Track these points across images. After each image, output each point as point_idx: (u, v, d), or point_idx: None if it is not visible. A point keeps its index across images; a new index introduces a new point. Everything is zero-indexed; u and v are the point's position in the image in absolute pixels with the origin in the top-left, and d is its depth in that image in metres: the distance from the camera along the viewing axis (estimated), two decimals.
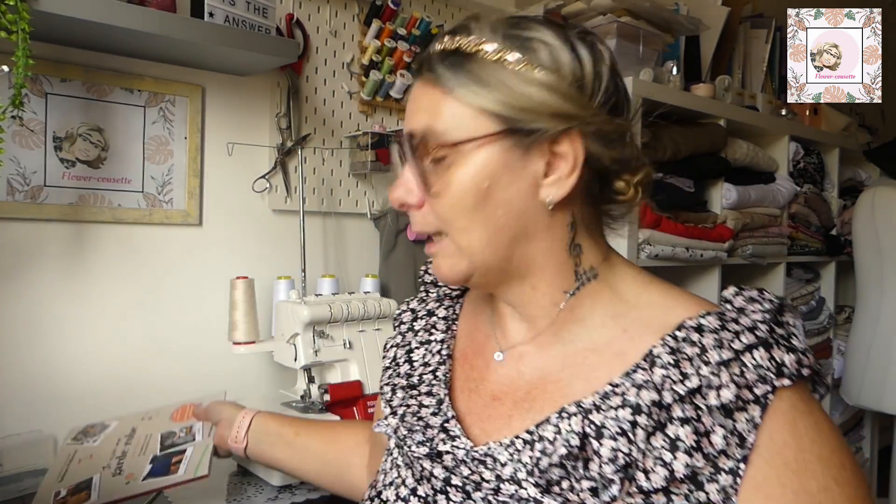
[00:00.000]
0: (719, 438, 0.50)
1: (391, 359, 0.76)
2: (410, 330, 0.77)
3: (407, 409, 0.67)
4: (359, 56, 1.65)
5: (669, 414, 0.52)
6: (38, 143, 1.22)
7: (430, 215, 0.61)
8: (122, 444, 1.02)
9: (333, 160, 1.62)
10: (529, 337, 0.64)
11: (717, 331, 0.54)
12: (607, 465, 0.52)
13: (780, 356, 0.52)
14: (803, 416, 0.52)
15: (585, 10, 1.68)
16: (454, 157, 0.58)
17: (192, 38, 1.17)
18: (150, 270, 1.36)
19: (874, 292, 1.95)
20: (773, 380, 0.51)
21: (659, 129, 1.53)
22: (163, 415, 1.10)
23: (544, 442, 0.55)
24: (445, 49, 0.59)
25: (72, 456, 1.01)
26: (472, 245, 0.60)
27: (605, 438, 0.53)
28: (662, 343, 0.55)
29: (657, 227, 1.50)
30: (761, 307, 0.55)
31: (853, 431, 2.44)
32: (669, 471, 0.50)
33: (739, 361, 0.51)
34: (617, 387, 0.55)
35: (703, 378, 0.51)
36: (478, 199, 0.58)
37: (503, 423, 0.61)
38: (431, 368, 0.70)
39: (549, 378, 0.61)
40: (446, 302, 0.78)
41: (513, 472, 0.56)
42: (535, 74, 0.56)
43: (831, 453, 0.52)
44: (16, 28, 0.97)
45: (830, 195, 2.23)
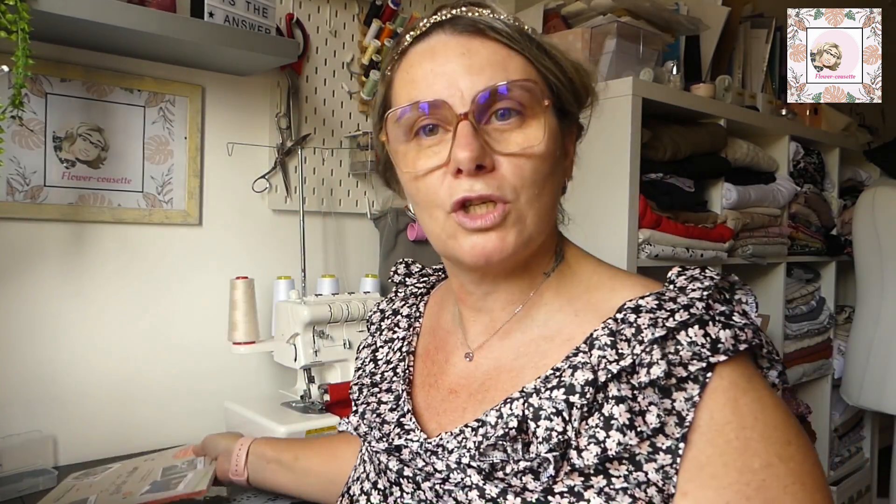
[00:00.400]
0: (653, 417, 0.50)
1: (361, 360, 0.77)
2: (378, 330, 0.78)
3: (367, 407, 0.69)
4: (359, 56, 1.65)
5: (606, 394, 0.52)
6: (38, 143, 1.22)
7: (500, 182, 0.55)
8: (123, 477, 1.04)
9: (333, 160, 1.62)
10: (497, 326, 0.64)
11: (653, 310, 0.54)
12: (542, 445, 0.52)
13: (715, 332, 0.52)
14: (745, 393, 0.52)
15: (585, 10, 1.68)
16: (535, 118, 0.57)
17: (192, 38, 1.17)
18: (150, 270, 1.36)
19: (874, 292, 1.95)
20: (709, 357, 0.51)
21: (659, 129, 1.53)
22: (165, 455, 1.14)
23: (486, 426, 0.56)
24: (500, 17, 0.58)
25: (70, 487, 1.04)
26: (535, 216, 0.57)
27: (541, 420, 0.53)
28: (603, 326, 0.56)
29: (657, 227, 1.50)
30: (700, 285, 0.56)
31: (853, 431, 2.43)
32: (602, 448, 0.50)
33: (674, 340, 0.52)
34: (557, 370, 0.56)
35: (636, 356, 0.52)
36: (552, 166, 0.58)
37: (458, 416, 0.62)
38: (392, 366, 0.71)
39: (504, 368, 0.62)
40: (410, 300, 0.78)
41: (458, 458, 0.56)
42: (573, 65, 0.61)
43: (774, 429, 0.51)
44: (16, 28, 0.97)
45: (830, 195, 2.23)
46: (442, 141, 0.57)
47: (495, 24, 0.57)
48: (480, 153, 0.54)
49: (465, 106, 0.55)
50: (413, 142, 0.58)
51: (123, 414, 1.33)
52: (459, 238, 0.57)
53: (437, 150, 0.57)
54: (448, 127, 0.56)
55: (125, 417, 1.33)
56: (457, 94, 0.55)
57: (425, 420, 0.65)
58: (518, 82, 0.56)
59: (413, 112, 0.57)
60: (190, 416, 1.41)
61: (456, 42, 0.57)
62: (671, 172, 1.56)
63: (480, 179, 0.55)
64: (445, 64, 0.56)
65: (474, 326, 0.66)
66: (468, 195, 0.55)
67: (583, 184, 1.49)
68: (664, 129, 1.54)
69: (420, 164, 0.58)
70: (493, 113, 0.56)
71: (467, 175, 0.54)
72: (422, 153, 0.58)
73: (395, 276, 0.83)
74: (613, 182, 1.45)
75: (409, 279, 0.82)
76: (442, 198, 0.56)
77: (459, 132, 0.54)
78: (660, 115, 1.56)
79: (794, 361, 2.06)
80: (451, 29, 0.58)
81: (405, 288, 0.81)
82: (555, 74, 0.59)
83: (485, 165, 0.55)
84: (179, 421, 1.40)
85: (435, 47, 0.58)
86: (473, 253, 0.56)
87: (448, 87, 0.56)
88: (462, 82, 0.55)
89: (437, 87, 0.56)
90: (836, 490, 2.21)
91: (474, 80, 0.55)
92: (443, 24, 0.58)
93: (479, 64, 0.56)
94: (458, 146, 0.54)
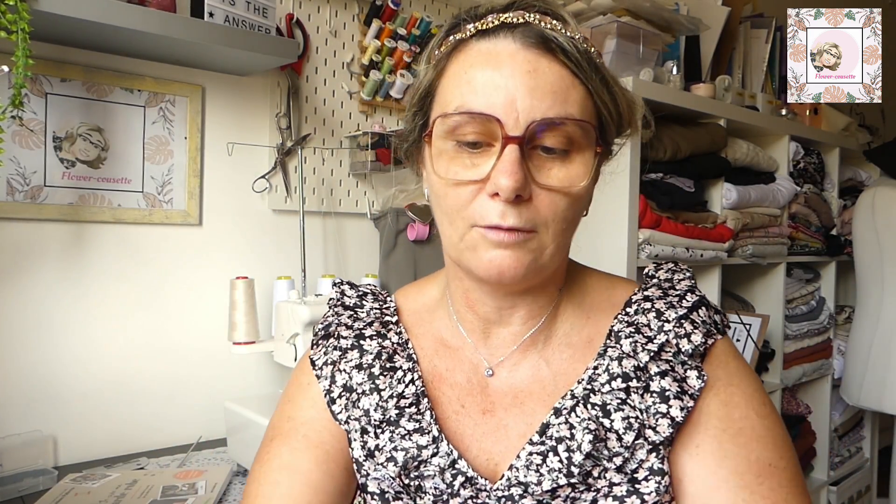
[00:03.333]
0: (695, 380, 0.57)
1: (333, 381, 0.65)
2: (357, 349, 0.66)
3: (406, 454, 0.59)
4: (359, 56, 1.65)
5: (649, 373, 0.57)
6: (38, 143, 1.22)
7: (532, 215, 0.54)
8: (123, 488, 1.05)
9: (333, 160, 1.62)
10: (519, 339, 0.62)
11: (663, 297, 0.62)
12: (627, 435, 0.55)
13: (713, 315, 0.62)
14: (734, 358, 0.61)
15: (585, 10, 1.68)
16: (582, 157, 0.55)
17: (192, 38, 1.17)
18: (150, 270, 1.36)
19: (874, 292, 1.95)
20: (715, 333, 0.60)
21: (659, 129, 1.53)
22: (166, 473, 1.14)
23: (564, 441, 0.56)
24: (573, 37, 0.55)
25: (68, 490, 1.04)
26: (555, 248, 0.56)
27: (613, 413, 0.56)
28: (618, 320, 0.62)
29: (657, 227, 1.50)
30: (684, 276, 0.65)
31: (853, 431, 2.43)
32: (671, 419, 0.55)
33: (690, 318, 0.60)
34: (596, 368, 0.59)
35: (670, 332, 0.59)
36: (584, 204, 0.59)
37: (502, 434, 0.60)
38: (410, 401, 0.62)
39: (534, 378, 0.62)
40: (392, 327, 0.68)
41: (552, 484, 0.55)
42: (627, 102, 0.60)
43: (754, 392, 0.59)
44: (16, 28, 0.97)
45: (830, 195, 2.23)
46: (485, 154, 0.54)
47: (566, 45, 0.54)
48: (523, 184, 0.52)
49: (519, 130, 0.52)
50: (451, 142, 0.56)
51: (123, 414, 1.33)
52: (479, 251, 0.55)
53: (477, 162, 0.54)
54: (493, 143, 0.54)
55: (125, 417, 1.33)
56: (513, 115, 0.52)
57: (464, 449, 0.60)
58: (576, 121, 0.54)
59: (465, 119, 0.54)
60: (190, 416, 1.41)
61: (523, 57, 0.54)
62: (671, 172, 1.56)
63: (514, 210, 0.53)
64: (509, 78, 0.53)
65: (491, 340, 0.63)
66: (500, 223, 0.53)
67: None
68: (664, 129, 1.54)
69: (456, 171, 0.55)
70: (541, 142, 0.54)
71: (504, 202, 0.52)
72: (460, 160, 0.55)
73: (346, 299, 0.71)
74: (613, 182, 1.45)
75: (364, 302, 0.71)
76: (471, 214, 0.54)
77: (506, 156, 0.52)
78: (660, 115, 1.56)
79: (794, 361, 2.06)
80: (520, 37, 0.54)
81: (365, 311, 0.70)
82: (608, 110, 0.57)
83: (522, 196, 0.53)
84: (179, 421, 1.40)
85: (500, 54, 0.54)
86: (490, 267, 0.54)
87: (505, 104, 0.53)
88: (521, 103, 0.53)
89: (494, 99, 0.53)
90: (836, 490, 2.21)
91: (535, 104, 0.53)
92: (513, 29, 0.55)
93: (543, 88, 0.53)
94: (503, 172, 0.52)
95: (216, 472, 1.14)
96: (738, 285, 2.07)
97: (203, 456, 1.31)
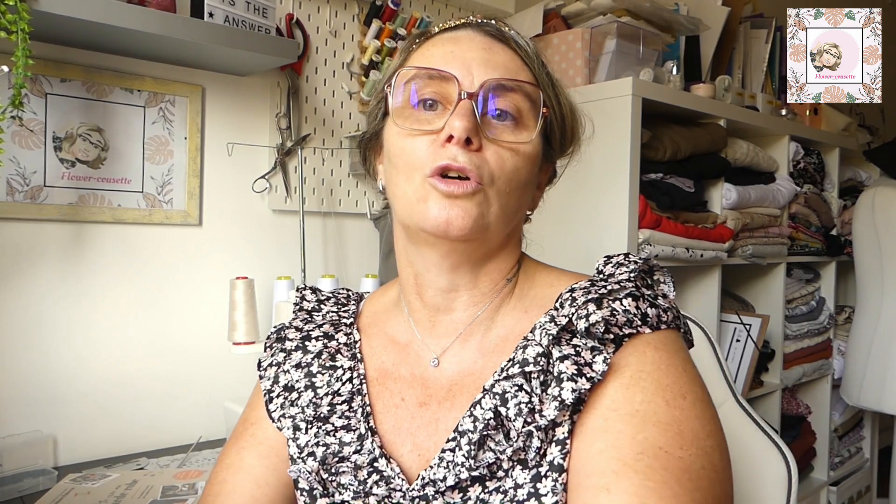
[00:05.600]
0: (601, 364, 0.54)
1: (275, 381, 0.68)
2: (301, 349, 0.69)
3: (326, 450, 0.60)
4: (359, 56, 1.65)
5: (551, 359, 0.56)
6: (38, 144, 1.22)
7: (481, 163, 0.58)
8: (123, 489, 1.05)
9: (333, 160, 1.62)
10: (461, 328, 0.64)
11: (586, 289, 0.60)
12: (516, 421, 0.53)
13: (644, 308, 0.58)
14: (655, 349, 0.57)
15: (585, 10, 1.68)
16: (527, 127, 0.60)
17: (192, 38, 1.17)
18: (150, 270, 1.36)
19: (874, 292, 1.95)
20: (639, 326, 0.57)
21: (659, 129, 1.53)
22: (166, 473, 1.14)
23: (467, 434, 0.56)
24: (526, 40, 0.64)
25: (68, 490, 1.04)
26: (499, 209, 0.59)
27: (509, 402, 0.55)
28: (546, 315, 0.60)
29: (657, 227, 1.50)
30: (627, 269, 0.62)
31: (853, 431, 2.43)
32: (560, 400, 0.53)
33: (609, 306, 0.57)
34: (511, 360, 0.59)
35: (572, 313, 0.57)
36: (528, 175, 0.62)
37: (432, 429, 0.61)
38: (344, 398, 0.64)
39: (467, 371, 0.63)
40: (343, 328, 0.71)
41: (456, 476, 0.55)
42: (570, 106, 0.66)
43: (672, 383, 0.55)
44: (16, 28, 0.97)
45: (830, 195, 2.23)
46: (440, 116, 0.59)
47: (518, 39, 0.63)
48: (474, 127, 0.57)
49: (473, 87, 0.58)
50: (409, 108, 0.61)
51: (123, 414, 1.33)
52: (430, 201, 0.58)
53: (432, 120, 0.59)
54: (449, 105, 0.59)
55: (125, 417, 1.33)
56: (468, 77, 0.59)
57: (399, 444, 0.61)
58: (525, 84, 0.60)
59: (423, 74, 0.60)
60: (190, 416, 1.41)
61: (480, 39, 0.62)
62: (671, 172, 1.56)
63: (465, 152, 0.57)
64: (466, 51, 0.60)
65: (436, 329, 0.66)
66: (451, 163, 0.57)
67: (583, 184, 1.49)
68: (664, 129, 1.54)
69: (412, 126, 0.60)
70: (492, 109, 0.59)
71: (455, 144, 0.57)
72: (417, 119, 0.60)
73: (305, 303, 0.75)
74: (613, 182, 1.45)
75: (323, 306, 0.75)
76: (424, 161, 0.58)
77: (460, 106, 0.57)
78: (660, 115, 1.56)
79: (794, 361, 2.06)
80: (478, 28, 0.63)
81: (322, 315, 0.74)
82: (552, 106, 0.63)
83: (473, 142, 0.57)
84: (179, 421, 1.40)
85: (460, 36, 0.62)
86: (438, 217, 0.57)
87: (462, 68, 0.59)
88: (476, 69, 0.59)
89: (452, 64, 0.60)
90: (836, 490, 2.22)
91: (489, 71, 0.59)
92: (471, 25, 0.64)
93: (496, 62, 0.60)
94: (456, 116, 0.57)
95: None
96: (738, 285, 2.07)
97: (203, 456, 1.31)
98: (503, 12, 1.84)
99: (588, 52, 1.58)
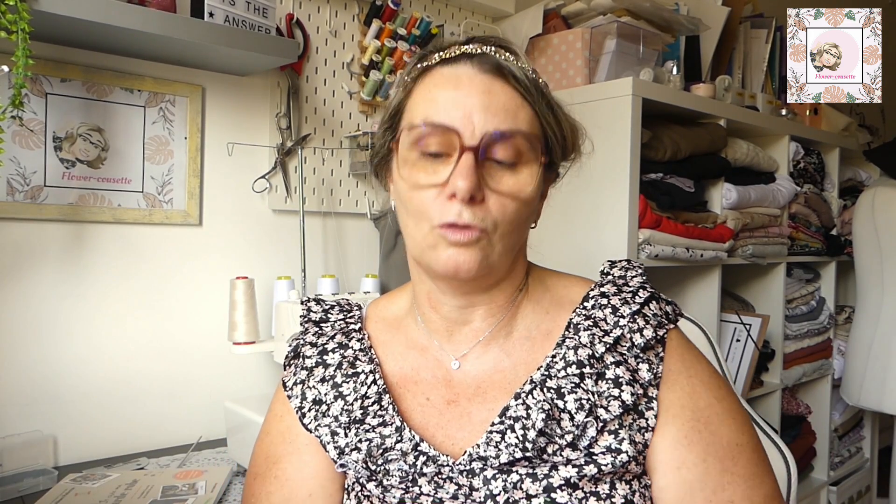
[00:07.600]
0: (645, 372, 0.64)
1: (304, 397, 0.72)
2: (321, 365, 0.72)
3: (370, 444, 0.65)
4: (359, 56, 1.65)
5: (604, 362, 0.64)
6: (38, 144, 1.22)
7: (484, 215, 0.62)
8: (123, 489, 1.05)
9: (333, 160, 1.62)
10: (480, 336, 0.69)
11: (617, 293, 0.69)
12: (578, 414, 0.61)
13: (664, 306, 0.69)
14: (688, 350, 0.68)
15: (585, 10, 1.68)
16: (529, 168, 0.64)
17: (192, 38, 1.17)
18: (150, 270, 1.36)
19: (874, 292, 1.95)
20: (667, 324, 0.67)
21: (659, 129, 1.53)
22: (166, 473, 1.14)
23: (521, 420, 0.62)
24: (522, 66, 0.65)
25: (68, 490, 1.04)
26: (502, 249, 0.64)
27: (567, 395, 0.62)
28: (576, 314, 0.69)
29: (657, 227, 1.50)
30: (636, 272, 0.72)
31: (853, 431, 2.43)
32: (622, 401, 0.62)
33: (642, 313, 0.67)
34: (554, 357, 0.66)
35: (624, 327, 0.66)
36: (530, 211, 0.66)
37: (465, 421, 0.66)
38: (374, 399, 0.68)
39: (495, 368, 0.68)
40: (354, 335, 0.75)
41: (510, 456, 0.60)
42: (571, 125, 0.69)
43: (710, 377, 0.67)
44: (16, 28, 0.97)
45: (830, 195, 2.23)
46: (445, 163, 0.62)
47: (517, 72, 0.64)
48: (476, 187, 0.60)
49: (474, 140, 0.61)
50: (417, 153, 0.64)
51: (123, 414, 1.33)
52: (439, 249, 0.62)
53: (438, 169, 0.62)
54: (452, 153, 0.62)
55: (125, 417, 1.33)
56: (469, 128, 0.61)
57: (430, 436, 0.66)
58: (524, 133, 0.63)
59: (428, 130, 0.62)
60: (190, 416, 1.41)
61: (480, 80, 0.63)
62: (671, 172, 1.56)
63: (469, 209, 0.61)
64: (467, 97, 0.62)
65: (454, 337, 0.70)
66: (457, 220, 0.61)
67: (583, 184, 1.49)
68: (664, 129, 1.54)
69: (420, 177, 0.63)
70: (494, 153, 0.62)
71: (460, 202, 0.60)
72: (424, 168, 0.63)
73: (313, 314, 0.78)
74: (613, 182, 1.45)
75: (330, 315, 0.78)
76: (432, 214, 0.62)
77: (462, 162, 0.60)
78: (660, 115, 1.56)
79: (794, 361, 2.06)
80: (478, 64, 0.64)
81: (330, 325, 0.77)
82: (553, 130, 0.66)
83: (476, 198, 0.61)
84: (179, 421, 1.40)
85: (461, 77, 0.63)
86: (448, 263, 0.62)
87: (464, 118, 0.61)
88: (477, 118, 0.61)
89: (454, 114, 0.62)
90: (836, 490, 2.22)
91: (489, 119, 0.61)
92: (472, 57, 0.65)
93: (496, 106, 0.62)
94: (459, 175, 0.60)
95: (216, 472, 1.14)
96: (738, 285, 2.07)
97: (203, 456, 1.31)
98: (503, 12, 1.84)
99: (588, 51, 1.58)
